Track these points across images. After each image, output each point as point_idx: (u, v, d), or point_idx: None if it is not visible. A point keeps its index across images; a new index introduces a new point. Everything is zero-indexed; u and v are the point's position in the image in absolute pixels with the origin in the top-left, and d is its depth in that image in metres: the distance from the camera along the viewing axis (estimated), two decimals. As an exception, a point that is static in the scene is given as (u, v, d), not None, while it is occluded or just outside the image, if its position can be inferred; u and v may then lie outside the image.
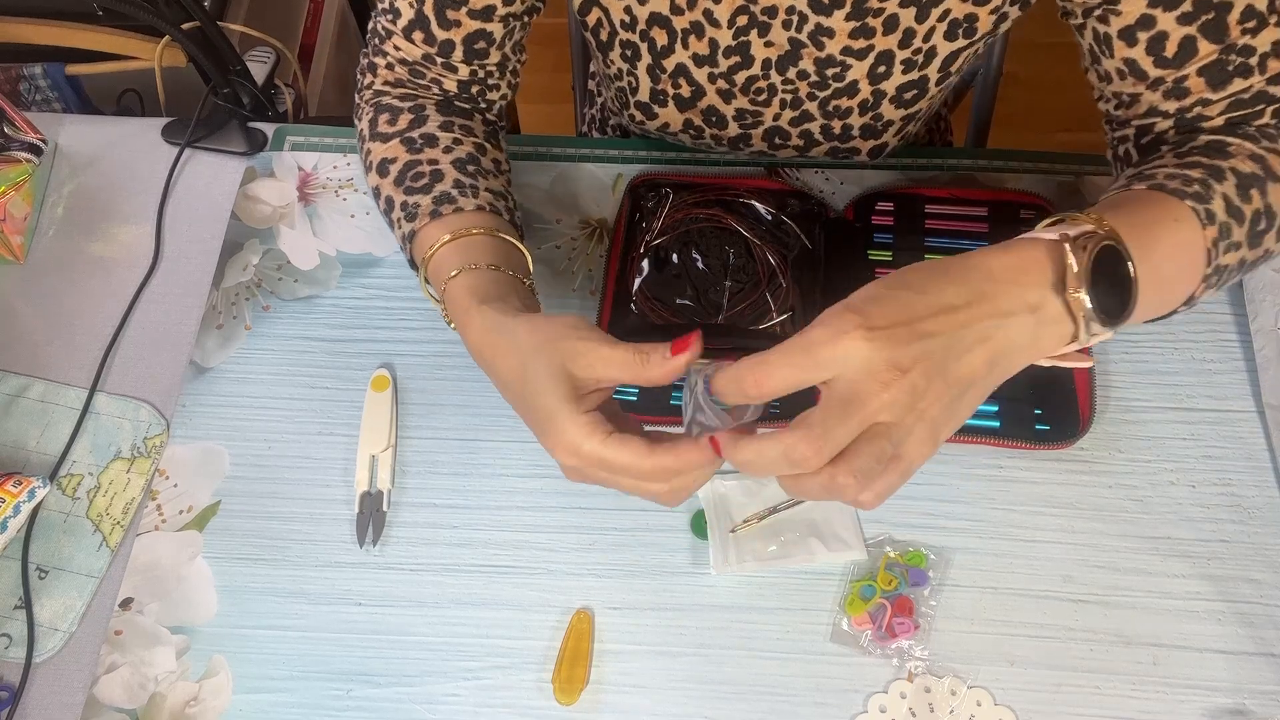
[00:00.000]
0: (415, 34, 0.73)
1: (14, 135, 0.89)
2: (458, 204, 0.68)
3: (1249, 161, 0.60)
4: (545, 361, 0.55)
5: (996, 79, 1.09)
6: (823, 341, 0.48)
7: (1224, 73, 0.62)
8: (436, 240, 0.65)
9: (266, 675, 0.70)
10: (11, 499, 0.73)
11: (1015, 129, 1.53)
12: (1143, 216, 0.55)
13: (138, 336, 0.83)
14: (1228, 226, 0.58)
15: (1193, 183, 0.58)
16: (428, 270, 0.66)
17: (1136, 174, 0.61)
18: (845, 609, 0.70)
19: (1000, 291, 0.50)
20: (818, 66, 0.76)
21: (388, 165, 0.72)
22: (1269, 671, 0.68)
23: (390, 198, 0.71)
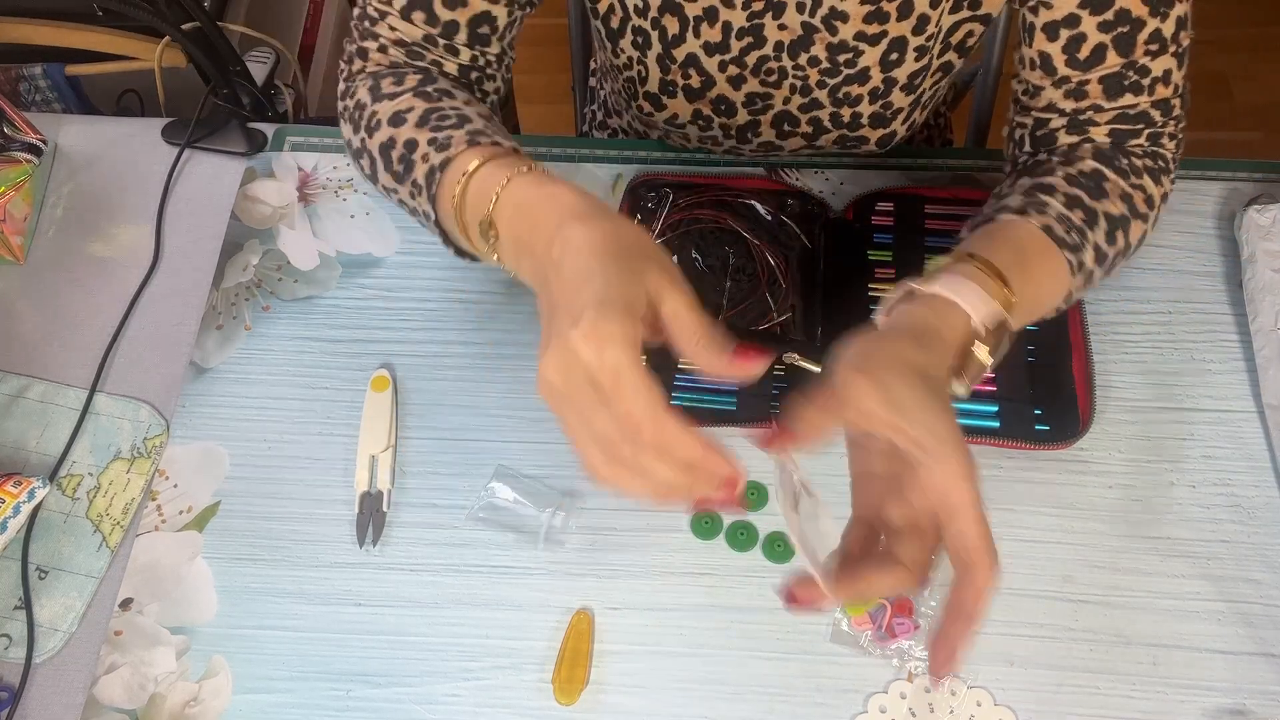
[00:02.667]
0: (415, 14, 0.71)
1: (14, 135, 0.89)
2: (494, 138, 0.62)
3: (1119, 203, 0.67)
4: (637, 265, 0.51)
5: (996, 79, 1.09)
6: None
7: (1120, 85, 0.68)
8: (475, 160, 0.59)
9: (266, 675, 0.70)
10: (11, 499, 0.73)
11: (1015, 129, 1.53)
12: (1032, 271, 0.62)
13: (138, 336, 0.83)
14: (1091, 273, 0.66)
15: (1073, 230, 0.64)
16: (470, 185, 0.59)
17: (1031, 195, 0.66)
18: (845, 609, 0.70)
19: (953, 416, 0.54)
20: (830, 52, 0.76)
21: (404, 115, 0.66)
22: (1269, 671, 0.68)
23: (412, 139, 0.64)
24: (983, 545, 0.51)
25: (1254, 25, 1.64)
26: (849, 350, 0.54)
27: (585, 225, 0.52)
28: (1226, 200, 0.85)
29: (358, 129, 0.71)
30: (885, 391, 0.51)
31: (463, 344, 0.81)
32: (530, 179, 0.57)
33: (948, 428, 0.51)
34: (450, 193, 0.60)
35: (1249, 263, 0.80)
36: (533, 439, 0.77)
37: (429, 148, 0.63)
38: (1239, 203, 0.83)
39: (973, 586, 0.51)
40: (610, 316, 0.48)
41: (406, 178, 0.65)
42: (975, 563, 0.51)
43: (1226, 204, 0.85)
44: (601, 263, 0.50)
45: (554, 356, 0.48)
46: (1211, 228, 0.84)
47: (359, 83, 0.73)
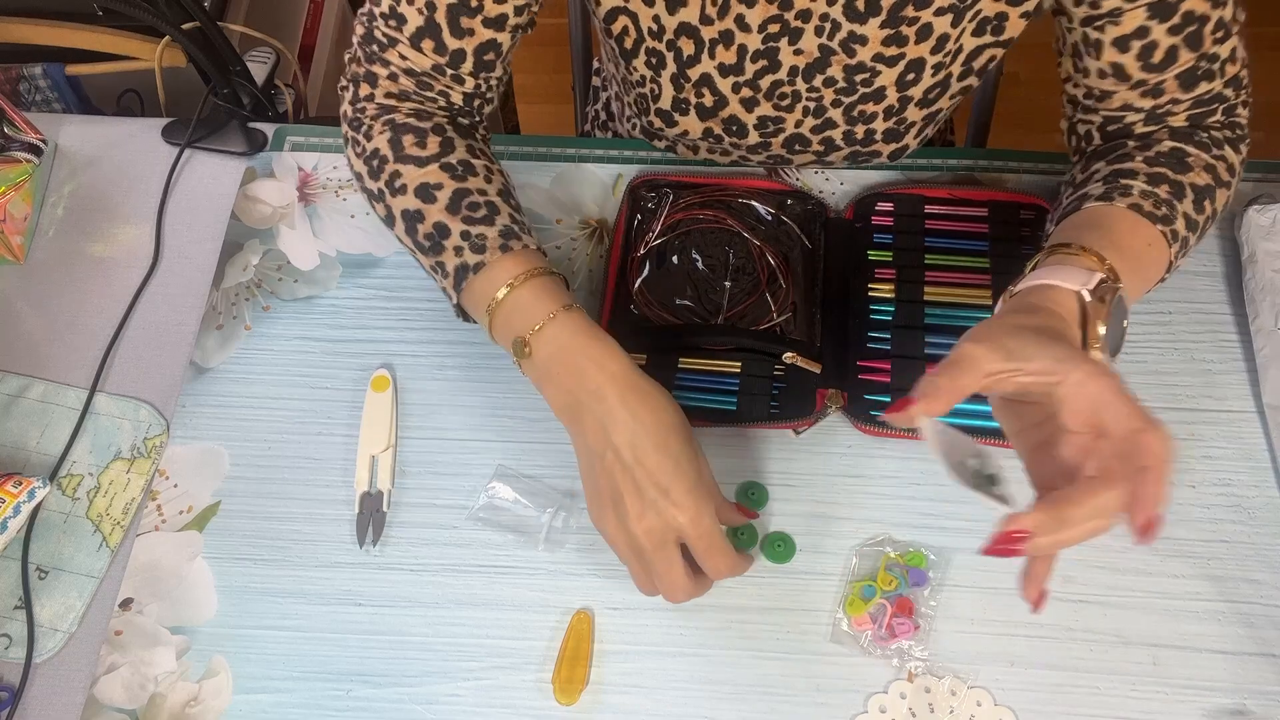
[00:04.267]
0: (425, 42, 0.72)
1: (14, 135, 0.89)
2: (524, 241, 0.69)
3: (1204, 174, 0.70)
4: (692, 443, 0.65)
5: (996, 79, 1.09)
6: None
7: (1195, 77, 0.70)
8: (511, 276, 0.67)
9: (266, 675, 0.70)
10: (11, 499, 0.73)
11: (1015, 129, 1.53)
12: (1128, 246, 0.65)
13: (138, 336, 0.83)
14: (1186, 239, 0.68)
15: (1161, 204, 0.67)
16: (507, 304, 0.67)
17: (1113, 181, 0.69)
18: (845, 609, 0.70)
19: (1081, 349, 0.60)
20: (846, 73, 0.75)
21: (433, 191, 0.71)
22: (1269, 671, 0.68)
23: (444, 224, 0.70)
24: (1140, 412, 0.53)
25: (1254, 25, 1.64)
26: (965, 336, 0.58)
27: (645, 402, 0.64)
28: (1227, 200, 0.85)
29: (375, 176, 0.74)
30: (1001, 349, 0.55)
31: (463, 344, 0.81)
32: (574, 322, 0.66)
33: (1066, 351, 0.55)
34: (485, 299, 0.68)
35: (1249, 263, 0.80)
36: (533, 439, 0.77)
37: (462, 242, 0.69)
38: (1239, 203, 0.83)
39: (1146, 448, 0.52)
40: (705, 499, 0.63)
41: (432, 255, 0.71)
42: (1140, 428, 0.53)
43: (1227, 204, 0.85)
44: (676, 445, 0.63)
45: (650, 524, 0.62)
46: (1212, 228, 0.84)
47: (374, 125, 0.75)
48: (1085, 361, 0.54)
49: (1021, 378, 0.55)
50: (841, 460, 0.75)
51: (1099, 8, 0.68)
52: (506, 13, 0.72)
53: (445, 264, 0.70)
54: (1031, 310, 0.60)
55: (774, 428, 0.76)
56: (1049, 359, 0.55)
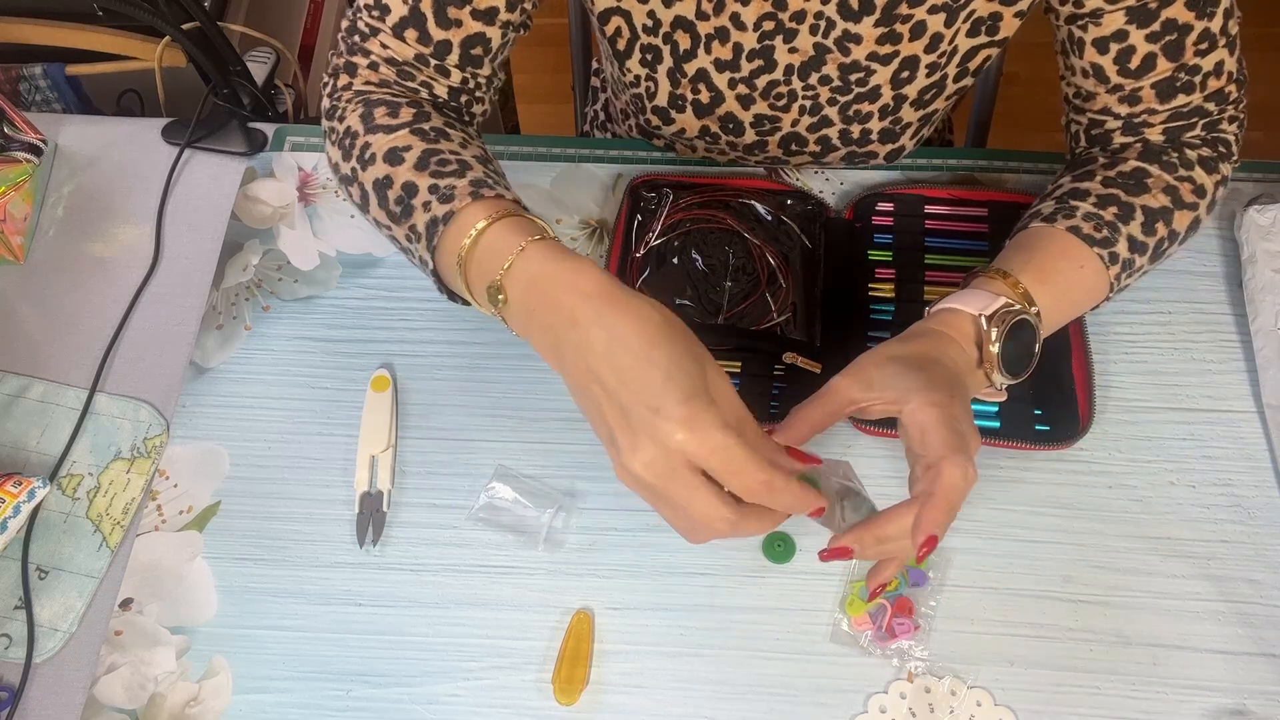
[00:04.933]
0: (408, 32, 0.70)
1: (14, 135, 0.89)
2: (497, 191, 0.63)
3: (1161, 195, 0.70)
4: (689, 348, 0.54)
5: (996, 79, 1.09)
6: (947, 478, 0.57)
7: (1172, 88, 0.70)
8: (482, 217, 0.60)
9: (266, 675, 0.70)
10: (11, 499, 0.73)
11: (1015, 129, 1.53)
12: (1053, 267, 0.67)
13: (138, 336, 0.83)
14: (1130, 260, 0.69)
15: (1103, 226, 0.68)
16: (479, 245, 0.60)
17: (1063, 201, 0.71)
18: (845, 609, 0.70)
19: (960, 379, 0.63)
20: (841, 72, 0.76)
21: (401, 153, 0.66)
22: (1269, 671, 0.68)
23: (411, 183, 0.65)
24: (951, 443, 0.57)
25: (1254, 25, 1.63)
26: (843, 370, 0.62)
27: (624, 313, 0.54)
28: (1226, 200, 0.85)
29: (348, 157, 0.70)
30: (863, 380, 0.61)
31: (463, 344, 0.81)
32: (544, 250, 0.58)
33: (913, 381, 0.59)
34: (455, 248, 0.61)
35: (1249, 263, 0.80)
36: (533, 439, 0.77)
37: (430, 195, 0.64)
38: (1239, 203, 0.83)
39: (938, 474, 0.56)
40: (702, 408, 0.52)
41: (404, 220, 0.65)
42: (944, 456, 0.56)
43: (1226, 204, 0.85)
44: (664, 352, 0.53)
45: (649, 453, 0.52)
46: (1211, 228, 0.84)
47: (348, 107, 0.72)
48: (923, 392, 0.58)
49: (877, 406, 0.60)
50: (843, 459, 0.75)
51: (1082, 7, 0.68)
52: (497, 6, 0.70)
53: (417, 225, 0.64)
54: (915, 337, 0.64)
55: (774, 427, 0.76)
56: (898, 390, 0.59)
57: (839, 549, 0.59)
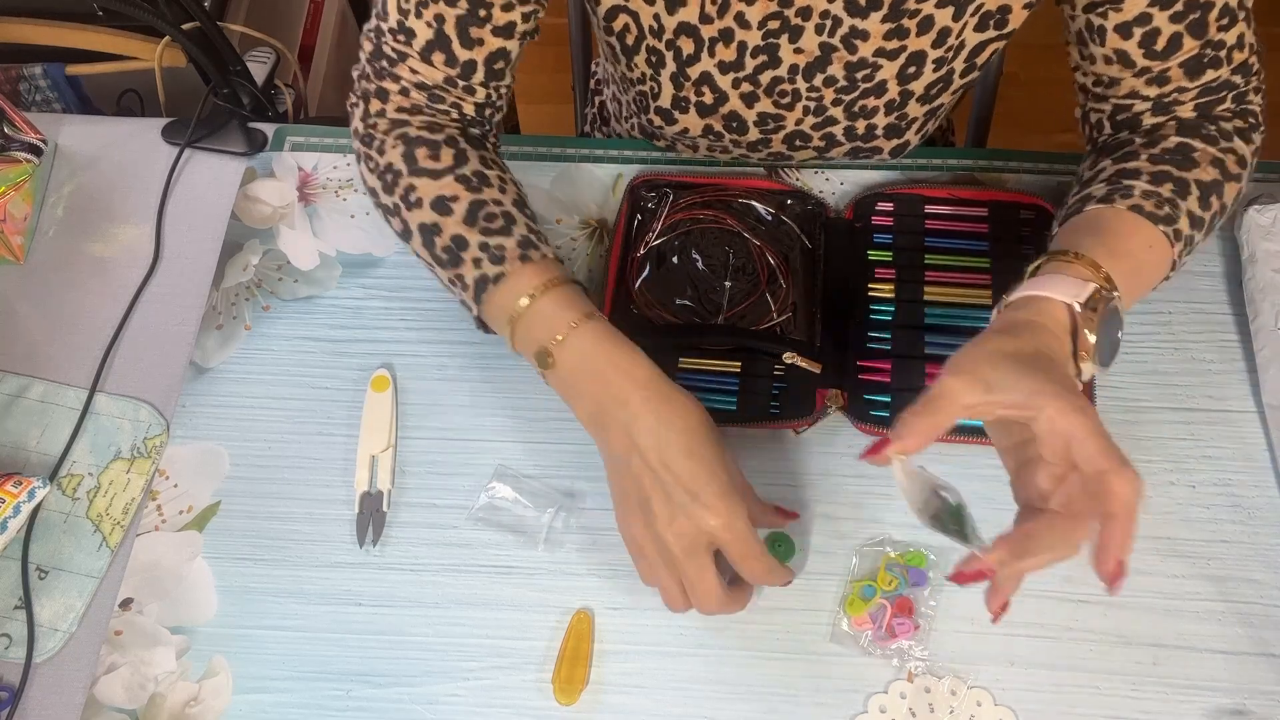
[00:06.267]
0: (435, 55, 0.72)
1: (14, 135, 0.89)
2: (542, 251, 0.69)
3: (1210, 168, 0.69)
4: (722, 451, 0.64)
5: (996, 79, 1.09)
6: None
7: (1200, 65, 0.70)
8: (531, 286, 0.67)
9: (266, 675, 0.70)
10: (11, 499, 0.73)
11: (1015, 129, 1.53)
12: (1126, 250, 0.65)
13: (138, 336, 0.83)
14: (1191, 237, 0.68)
15: (1164, 204, 0.67)
16: (530, 314, 0.67)
17: (1115, 182, 0.69)
18: (845, 609, 0.70)
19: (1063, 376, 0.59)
20: (847, 70, 0.75)
21: (449, 203, 0.71)
22: (1269, 671, 0.68)
23: (462, 237, 0.70)
24: (1108, 452, 0.54)
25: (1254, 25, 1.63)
26: (948, 362, 0.59)
27: (674, 408, 0.63)
28: (1226, 200, 0.85)
29: (389, 191, 0.74)
30: (979, 382, 0.56)
31: (463, 344, 0.81)
32: (598, 331, 0.66)
33: (1042, 383, 0.55)
34: (505, 308, 0.68)
35: (1249, 263, 0.80)
36: (533, 439, 0.77)
37: (480, 253, 0.69)
38: (1239, 203, 0.83)
39: (1112, 493, 0.53)
40: (736, 503, 0.61)
41: (450, 268, 0.71)
42: (1106, 469, 0.54)
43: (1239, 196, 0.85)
44: (708, 451, 0.62)
45: (683, 525, 0.61)
46: (1222, 220, 0.84)
47: (386, 139, 0.74)
48: (1058, 397, 0.55)
49: (999, 410, 0.56)
50: (841, 460, 0.75)
51: None
52: (515, 20, 0.72)
53: (464, 276, 0.70)
54: (1018, 329, 0.60)
55: (774, 428, 0.76)
56: (1024, 393, 0.55)
57: (981, 571, 0.56)
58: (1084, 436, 0.54)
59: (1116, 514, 0.54)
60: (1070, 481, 0.56)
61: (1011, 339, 0.59)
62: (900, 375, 0.76)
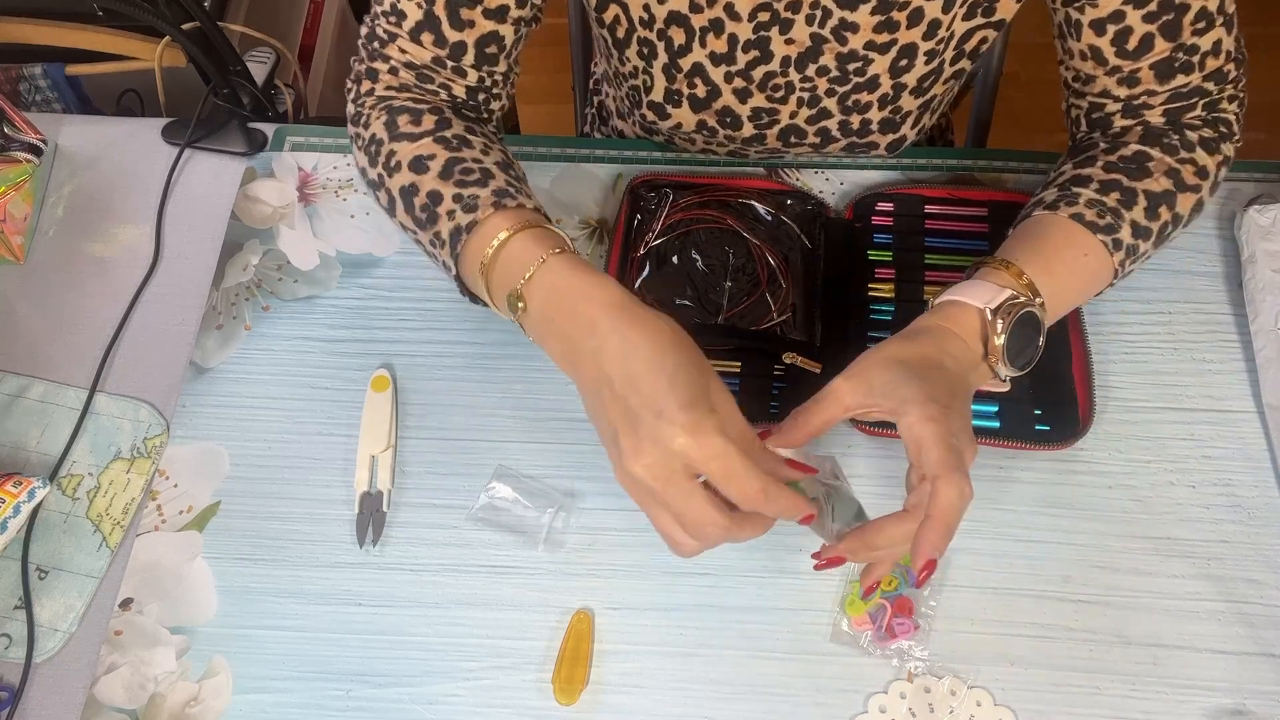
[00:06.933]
0: (424, 35, 0.72)
1: (14, 135, 0.89)
2: (519, 200, 0.66)
3: (1163, 179, 0.70)
4: (696, 360, 0.57)
5: (996, 79, 1.09)
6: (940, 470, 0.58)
7: (1171, 68, 0.70)
8: (505, 228, 0.63)
9: (266, 675, 0.70)
10: (11, 499, 0.73)
11: (1015, 129, 1.53)
12: (1058, 256, 0.67)
13: (138, 336, 0.83)
14: (1134, 246, 0.69)
15: (1106, 213, 0.68)
16: (501, 255, 0.63)
17: (1065, 188, 0.71)
18: (845, 609, 0.70)
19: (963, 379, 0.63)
20: (839, 62, 0.76)
21: (425, 161, 0.69)
22: (1269, 671, 0.68)
23: (437, 191, 0.67)
24: (945, 461, 0.57)
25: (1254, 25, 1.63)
26: (851, 364, 0.62)
27: (639, 324, 0.58)
28: (1226, 200, 0.85)
29: (374, 163, 0.72)
30: (864, 385, 0.60)
31: (463, 344, 0.81)
32: (565, 262, 0.61)
33: (915, 390, 0.59)
34: (478, 257, 0.64)
35: (1249, 263, 0.80)
36: (533, 439, 0.77)
37: (454, 204, 0.66)
38: (1239, 203, 0.83)
39: (936, 495, 0.57)
40: (704, 414, 0.54)
41: (429, 227, 0.68)
42: (940, 475, 0.57)
43: (1226, 204, 0.85)
44: (672, 360, 0.56)
45: (651, 456, 0.54)
46: (1212, 228, 0.84)
47: (372, 113, 0.74)
48: (920, 405, 0.58)
49: (874, 413, 0.60)
50: (842, 460, 0.75)
51: None
52: (507, 4, 0.72)
53: (441, 232, 0.67)
54: (919, 335, 0.63)
55: (774, 427, 0.76)
56: (896, 399, 0.59)
57: (833, 559, 0.61)
58: (930, 444, 0.57)
59: (933, 516, 0.57)
60: (922, 486, 0.58)
61: (909, 345, 0.62)
62: (900, 375, 0.76)
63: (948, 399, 0.59)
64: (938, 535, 0.57)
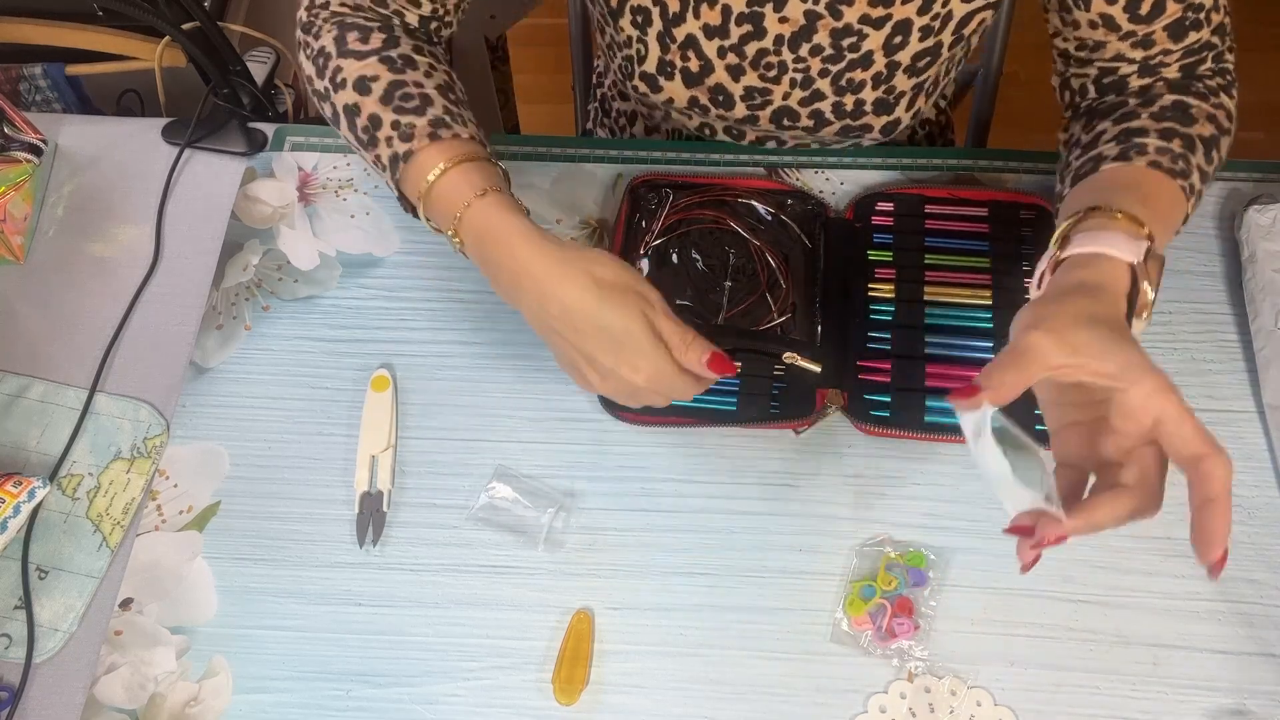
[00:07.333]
0: None
1: (14, 135, 0.89)
2: (454, 130, 0.68)
3: (1208, 124, 0.70)
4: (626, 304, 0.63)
5: (996, 79, 1.09)
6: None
7: (1183, 27, 0.71)
8: (438, 163, 0.67)
9: (266, 675, 0.70)
10: (11, 499, 0.73)
11: (1015, 129, 1.53)
12: (1158, 205, 0.65)
13: (138, 336, 0.83)
14: (1201, 192, 0.69)
15: (1178, 159, 0.67)
16: (433, 192, 0.67)
17: (1126, 140, 0.69)
18: (845, 609, 0.70)
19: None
20: (833, 38, 0.76)
21: (368, 83, 0.70)
22: (1269, 671, 0.68)
23: (377, 115, 0.69)
24: (1203, 436, 0.54)
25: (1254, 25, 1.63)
26: (1022, 319, 0.58)
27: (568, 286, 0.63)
28: (1226, 200, 0.85)
29: (320, 75, 0.74)
30: (1067, 343, 0.55)
31: (463, 344, 0.81)
32: (489, 207, 0.65)
33: (1135, 356, 0.55)
34: (414, 189, 0.68)
35: (1249, 263, 0.80)
36: (533, 439, 0.77)
37: (392, 131, 0.69)
38: (1239, 203, 0.83)
39: (1212, 476, 0.53)
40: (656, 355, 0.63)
41: (370, 149, 0.71)
42: (1204, 454, 0.53)
43: (1226, 204, 0.85)
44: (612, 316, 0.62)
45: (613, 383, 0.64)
46: (1211, 228, 0.84)
47: (324, 26, 0.75)
48: (1151, 374, 0.54)
49: (1084, 375, 0.55)
50: (841, 460, 0.75)
51: None
52: None
53: (381, 156, 0.70)
54: (1095, 292, 0.58)
55: (774, 428, 0.76)
56: (1117, 364, 0.54)
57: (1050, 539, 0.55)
58: (1178, 418, 0.54)
59: (1218, 497, 0.53)
60: (1142, 455, 0.55)
61: (1094, 302, 0.58)
62: (900, 375, 0.76)
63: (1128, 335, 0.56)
64: (1227, 516, 0.54)
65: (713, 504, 0.74)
